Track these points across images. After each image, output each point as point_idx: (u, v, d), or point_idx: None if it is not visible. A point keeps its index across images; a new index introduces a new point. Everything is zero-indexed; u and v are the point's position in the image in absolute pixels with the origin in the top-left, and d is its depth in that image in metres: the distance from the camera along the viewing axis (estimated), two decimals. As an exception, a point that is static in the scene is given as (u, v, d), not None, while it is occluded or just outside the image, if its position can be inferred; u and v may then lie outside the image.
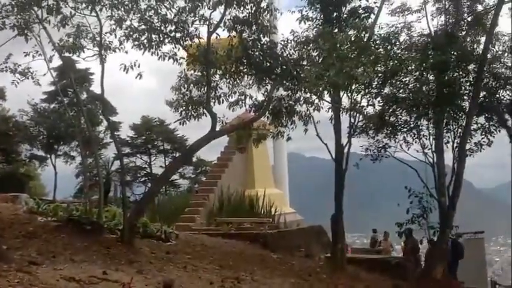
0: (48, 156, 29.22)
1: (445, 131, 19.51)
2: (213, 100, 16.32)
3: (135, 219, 15.08)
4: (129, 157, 36.55)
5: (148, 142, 37.53)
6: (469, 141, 19.34)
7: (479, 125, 19.72)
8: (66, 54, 15.76)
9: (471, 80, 19.32)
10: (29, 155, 30.55)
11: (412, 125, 19.68)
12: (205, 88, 15.88)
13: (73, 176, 33.40)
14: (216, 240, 19.36)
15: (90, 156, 24.29)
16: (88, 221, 15.13)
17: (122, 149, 26.66)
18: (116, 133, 26.36)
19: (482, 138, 19.60)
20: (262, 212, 23.67)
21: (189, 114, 16.61)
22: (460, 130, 19.34)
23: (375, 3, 18.66)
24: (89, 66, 29.57)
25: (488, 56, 19.27)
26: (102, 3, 14.18)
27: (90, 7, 14.29)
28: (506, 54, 20.03)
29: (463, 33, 19.76)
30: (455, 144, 19.39)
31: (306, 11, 18.48)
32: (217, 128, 16.26)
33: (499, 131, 20.04)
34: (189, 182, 37.64)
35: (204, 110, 16.18)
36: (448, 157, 19.42)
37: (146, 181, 36.89)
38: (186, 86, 16.66)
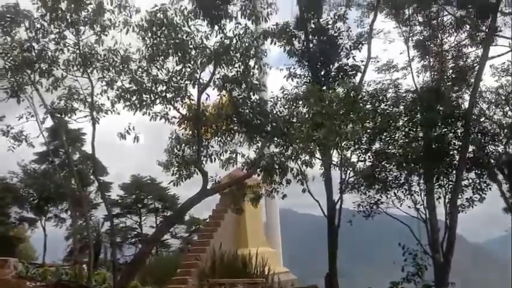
0: (38, 218, 28.91)
1: (436, 186, 19.51)
2: (205, 158, 16.30)
3: (126, 283, 14.71)
4: (119, 217, 36.10)
5: (138, 201, 37.11)
6: (460, 196, 19.27)
7: (470, 181, 19.60)
8: (58, 115, 15.77)
9: (459, 135, 19.53)
10: (18, 217, 30.20)
11: (402, 181, 19.68)
12: (197, 147, 15.91)
13: (63, 238, 32.89)
14: (209, 302, 18.93)
15: (80, 218, 24.04)
16: (77, 285, 14.83)
17: (111, 210, 26.37)
18: (106, 193, 26.16)
19: (474, 194, 19.48)
20: (255, 271, 23.23)
21: (182, 173, 16.56)
22: (450, 185, 19.34)
23: (361, 61, 19.15)
24: (81, 126, 29.63)
25: (475, 111, 19.59)
26: (93, 66, 14.38)
27: (81, 69, 14.46)
28: (491, 109, 20.39)
29: (448, 89, 20.11)
30: (446, 200, 19.35)
31: (294, 68, 18.92)
32: (209, 186, 16.18)
33: (490, 188, 19.82)
34: (181, 242, 37.06)
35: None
36: (440, 212, 19.35)
37: (136, 242, 36.30)
38: (178, 147, 16.68)
